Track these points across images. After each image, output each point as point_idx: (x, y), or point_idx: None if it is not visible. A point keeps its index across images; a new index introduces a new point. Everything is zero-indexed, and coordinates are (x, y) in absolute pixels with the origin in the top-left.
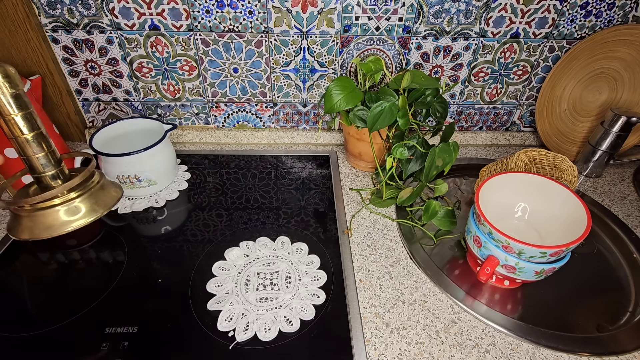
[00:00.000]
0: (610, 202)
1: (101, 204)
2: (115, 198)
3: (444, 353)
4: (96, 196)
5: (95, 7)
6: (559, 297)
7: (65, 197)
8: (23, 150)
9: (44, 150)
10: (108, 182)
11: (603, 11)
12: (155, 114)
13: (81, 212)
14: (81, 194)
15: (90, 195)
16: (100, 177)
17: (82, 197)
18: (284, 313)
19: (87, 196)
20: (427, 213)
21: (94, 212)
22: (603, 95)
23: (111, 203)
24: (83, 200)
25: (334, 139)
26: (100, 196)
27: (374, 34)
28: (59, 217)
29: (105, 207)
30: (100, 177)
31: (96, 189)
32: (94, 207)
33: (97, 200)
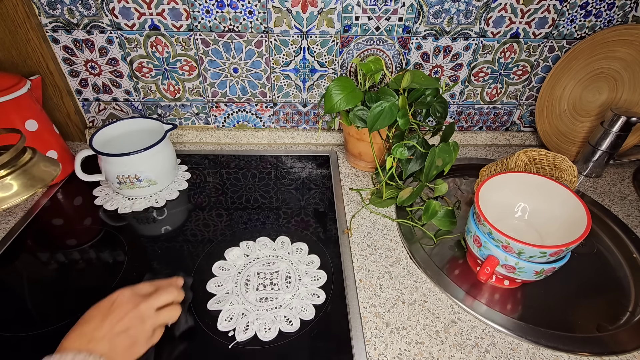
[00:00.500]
0: (610, 202)
1: (37, 180)
2: (52, 174)
3: (444, 353)
4: (30, 173)
5: (95, 7)
6: (559, 297)
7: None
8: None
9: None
10: (43, 157)
11: (603, 11)
12: (155, 114)
13: (13, 189)
14: (12, 171)
15: (22, 172)
16: (33, 154)
17: (14, 175)
18: (284, 313)
19: (19, 173)
20: (427, 213)
21: (28, 188)
22: (603, 95)
23: (48, 179)
24: (15, 177)
25: (334, 139)
26: (35, 172)
27: (374, 34)
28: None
29: (42, 183)
30: (33, 154)
31: (29, 166)
32: (29, 183)
33: (32, 177)
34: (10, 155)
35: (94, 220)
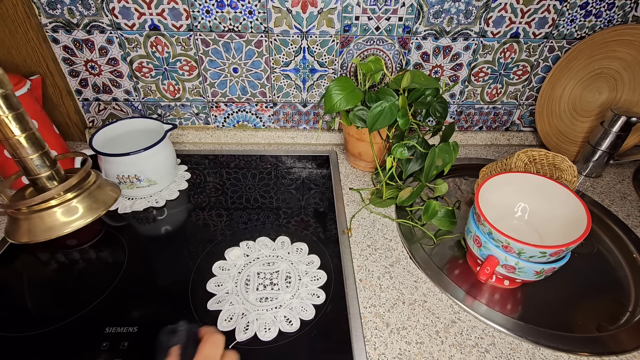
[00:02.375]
0: (610, 202)
1: (100, 203)
2: (114, 197)
3: (444, 353)
4: (94, 196)
5: (95, 7)
6: (559, 297)
7: (62, 197)
8: (16, 152)
9: (37, 152)
10: (105, 181)
11: (603, 11)
12: (155, 114)
13: (79, 212)
14: (78, 194)
15: (87, 195)
16: (96, 177)
17: (80, 197)
18: (284, 313)
19: (85, 196)
20: (427, 213)
21: (92, 211)
22: (603, 95)
23: (110, 202)
24: (80, 200)
25: (334, 139)
26: (98, 195)
27: (374, 34)
28: (57, 219)
29: (105, 206)
30: (96, 177)
31: (93, 189)
32: (92, 207)
33: (95, 200)
34: (79, 177)
35: (94, 220)
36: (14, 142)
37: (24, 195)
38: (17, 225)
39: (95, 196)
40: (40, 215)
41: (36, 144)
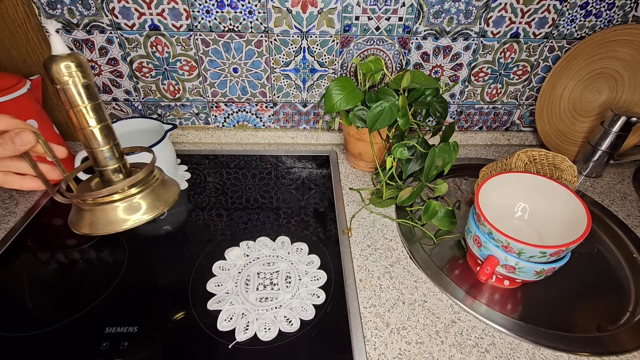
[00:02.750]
0: (610, 202)
1: (161, 201)
2: (175, 194)
3: (444, 353)
4: (156, 193)
5: (95, 7)
6: (559, 297)
7: (127, 192)
8: (88, 143)
9: (109, 144)
10: (168, 178)
11: (603, 11)
12: (155, 114)
13: (142, 209)
14: (142, 190)
15: (150, 191)
16: (160, 174)
17: (143, 194)
18: (284, 313)
19: (148, 192)
20: (427, 213)
21: (154, 209)
22: (603, 95)
23: (170, 201)
24: (143, 196)
25: (334, 139)
26: (161, 193)
27: (374, 34)
28: (119, 213)
29: (165, 205)
30: (160, 174)
31: (156, 186)
32: (154, 204)
33: (157, 197)
34: (144, 173)
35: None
36: (88, 133)
37: (90, 186)
38: (80, 215)
39: (157, 193)
40: (103, 208)
41: (108, 136)
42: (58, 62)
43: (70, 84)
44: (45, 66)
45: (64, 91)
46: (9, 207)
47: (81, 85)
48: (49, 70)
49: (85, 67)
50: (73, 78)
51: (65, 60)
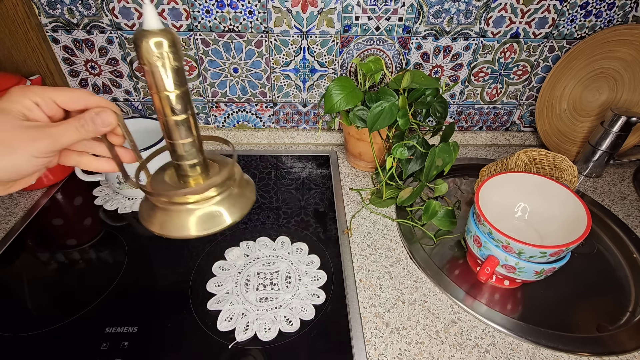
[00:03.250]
0: (610, 202)
1: (237, 208)
2: (249, 204)
3: (444, 353)
4: (233, 198)
5: (95, 7)
6: (559, 297)
7: (204, 196)
8: (170, 133)
9: (191, 136)
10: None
11: (603, 11)
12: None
13: (216, 216)
14: (219, 194)
15: (227, 196)
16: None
17: (221, 197)
18: (284, 313)
19: (225, 197)
20: (427, 213)
21: (232, 214)
22: (603, 95)
23: (246, 210)
24: (222, 201)
25: (334, 139)
26: (237, 199)
27: (374, 34)
28: (192, 219)
29: (241, 213)
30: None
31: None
32: (231, 210)
33: (233, 203)
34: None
35: (94, 220)
36: (170, 122)
37: (164, 178)
38: (152, 211)
39: (234, 199)
40: (178, 209)
41: (191, 128)
42: (149, 37)
43: (159, 65)
44: (135, 41)
45: (152, 73)
46: (9, 207)
47: (171, 68)
48: (138, 46)
49: (178, 47)
50: (163, 60)
51: (157, 37)
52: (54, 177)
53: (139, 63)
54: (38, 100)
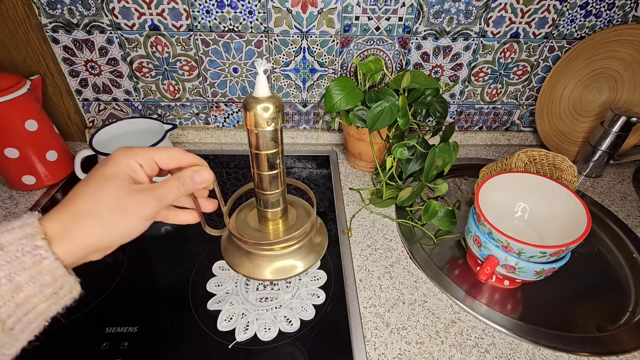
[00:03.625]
0: (610, 202)
1: (311, 258)
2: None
3: (444, 353)
4: (308, 247)
5: (95, 7)
6: (559, 297)
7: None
8: (262, 185)
9: (279, 189)
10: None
11: (603, 11)
12: (155, 114)
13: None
14: (298, 242)
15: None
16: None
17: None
18: (284, 313)
19: (302, 246)
20: (427, 213)
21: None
22: (603, 95)
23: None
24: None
25: (334, 139)
26: (312, 247)
27: (374, 34)
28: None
29: (314, 260)
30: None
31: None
32: (305, 259)
33: (309, 251)
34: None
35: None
36: (263, 177)
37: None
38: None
39: (309, 249)
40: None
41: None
42: (259, 104)
43: (265, 128)
44: (245, 106)
45: (257, 135)
46: (9, 207)
47: (273, 131)
48: (248, 111)
49: (282, 111)
50: (270, 124)
51: (267, 103)
52: (54, 177)
53: (245, 125)
54: (142, 162)
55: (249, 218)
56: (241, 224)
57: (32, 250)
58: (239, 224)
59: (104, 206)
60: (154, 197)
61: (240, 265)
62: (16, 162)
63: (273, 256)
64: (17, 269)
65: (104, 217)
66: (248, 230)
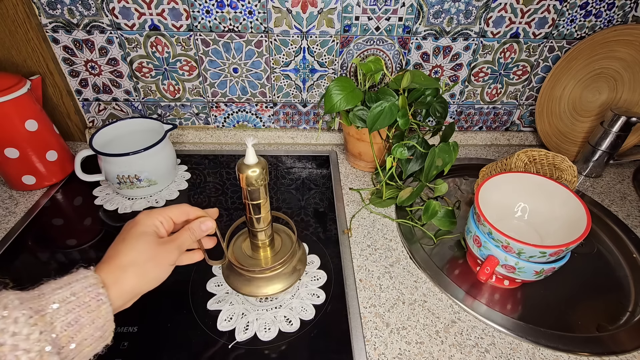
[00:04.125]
0: (610, 202)
1: (293, 278)
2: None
3: (444, 353)
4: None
5: (95, 7)
6: (559, 297)
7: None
8: (253, 224)
9: (267, 226)
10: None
11: (603, 11)
12: (155, 114)
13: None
14: (283, 266)
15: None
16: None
17: (282, 270)
18: (284, 313)
19: (285, 269)
20: (427, 213)
21: (286, 283)
22: (603, 95)
23: (296, 278)
24: (280, 273)
25: (334, 139)
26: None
27: (374, 34)
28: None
29: (295, 280)
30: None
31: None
32: (287, 280)
33: (291, 274)
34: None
35: (94, 220)
36: (254, 218)
37: (243, 249)
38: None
39: (290, 274)
40: (256, 277)
41: (267, 221)
42: (249, 169)
43: (254, 186)
44: (238, 170)
45: (248, 191)
46: (9, 207)
47: (261, 188)
48: (241, 173)
49: (266, 171)
50: (257, 183)
51: (256, 169)
52: (54, 177)
53: (239, 183)
54: (161, 219)
55: (244, 247)
56: (237, 251)
57: (95, 297)
58: (236, 252)
59: (142, 258)
60: (175, 247)
61: (242, 288)
62: (16, 162)
63: (267, 278)
64: (83, 312)
65: (142, 266)
66: (244, 257)
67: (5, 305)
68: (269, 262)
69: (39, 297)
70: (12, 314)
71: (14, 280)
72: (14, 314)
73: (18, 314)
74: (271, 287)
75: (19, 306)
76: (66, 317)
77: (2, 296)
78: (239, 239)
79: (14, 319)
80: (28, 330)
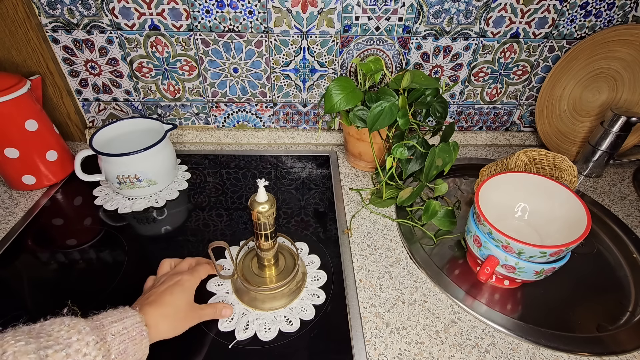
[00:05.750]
0: (610, 202)
1: (294, 294)
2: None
3: (444, 353)
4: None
5: (95, 7)
6: (559, 297)
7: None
8: (260, 247)
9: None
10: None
11: (603, 11)
12: (155, 114)
13: (280, 300)
14: (286, 284)
15: (289, 288)
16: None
17: (285, 288)
18: (284, 313)
19: (289, 287)
20: (427, 213)
21: (289, 300)
22: (603, 95)
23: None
24: (284, 290)
25: (334, 139)
26: (293, 292)
27: (374, 34)
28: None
29: (295, 296)
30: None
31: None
32: (290, 297)
33: (293, 290)
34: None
35: (94, 220)
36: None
37: (251, 268)
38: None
39: (292, 291)
40: (263, 295)
41: (274, 246)
42: (260, 205)
43: (265, 219)
44: (251, 206)
45: (259, 224)
46: (9, 207)
47: (270, 220)
48: (253, 209)
49: (274, 204)
50: (267, 217)
51: (265, 205)
52: (54, 177)
53: (252, 217)
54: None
55: (252, 265)
56: (246, 269)
57: (140, 332)
58: (245, 270)
59: (179, 315)
60: (200, 316)
61: (251, 304)
62: (16, 162)
63: (271, 295)
64: (131, 344)
65: (176, 321)
66: (251, 275)
67: (80, 330)
68: (274, 281)
69: (99, 327)
70: (85, 338)
71: (13, 280)
72: (86, 338)
73: (89, 338)
74: (275, 302)
75: (90, 332)
76: (119, 346)
77: (75, 322)
78: (247, 257)
79: (87, 342)
80: (95, 353)
